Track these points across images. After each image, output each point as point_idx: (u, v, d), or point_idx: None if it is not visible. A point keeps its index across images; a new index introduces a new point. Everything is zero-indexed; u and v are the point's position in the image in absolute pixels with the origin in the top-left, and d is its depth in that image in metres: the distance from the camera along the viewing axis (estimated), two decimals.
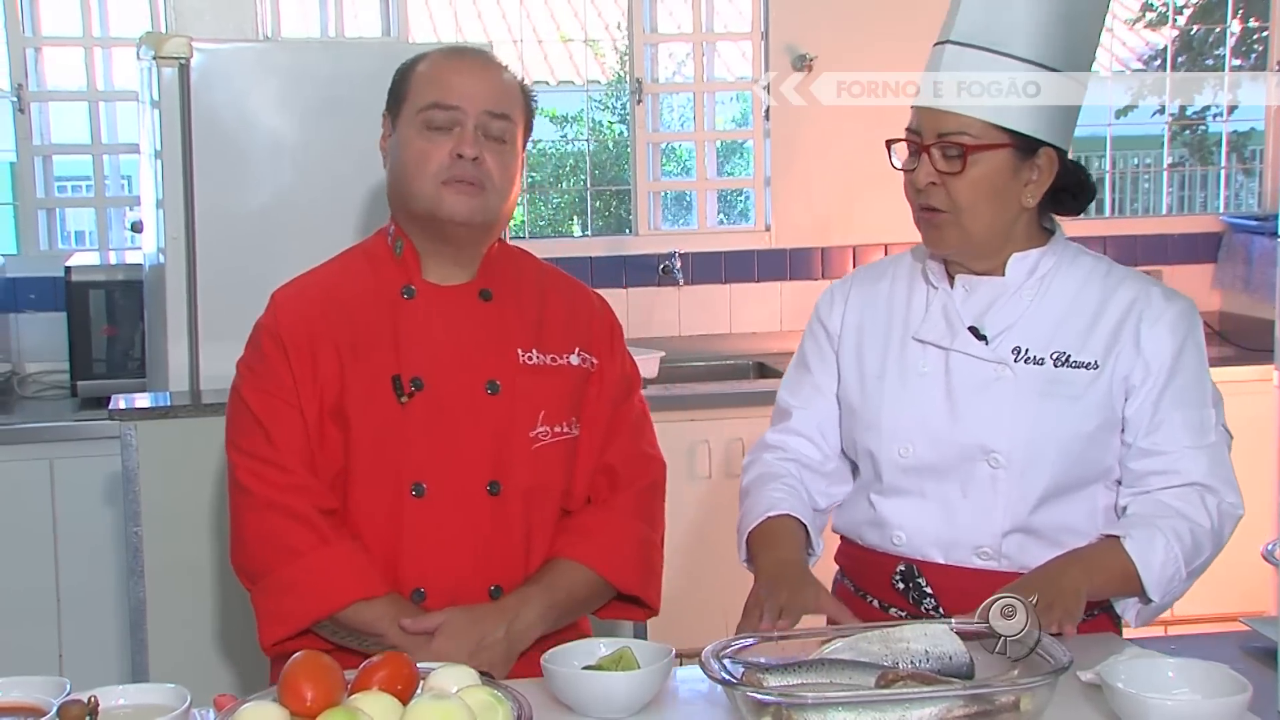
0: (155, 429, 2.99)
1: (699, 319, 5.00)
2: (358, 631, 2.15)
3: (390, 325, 2.23)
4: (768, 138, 5.04)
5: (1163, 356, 2.14)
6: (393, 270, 2.27)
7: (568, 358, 2.30)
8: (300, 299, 2.28)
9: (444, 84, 2.21)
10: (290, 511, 2.17)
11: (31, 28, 4.67)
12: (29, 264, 4.66)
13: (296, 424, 2.19)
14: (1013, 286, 2.17)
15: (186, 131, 3.20)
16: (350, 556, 2.17)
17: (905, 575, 2.18)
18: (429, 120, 2.19)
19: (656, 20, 5.07)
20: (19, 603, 3.96)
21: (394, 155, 2.26)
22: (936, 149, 2.11)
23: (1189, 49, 6.06)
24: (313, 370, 2.20)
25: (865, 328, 2.28)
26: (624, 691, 1.83)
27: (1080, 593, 2.02)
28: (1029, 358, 2.14)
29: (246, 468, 2.20)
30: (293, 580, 2.15)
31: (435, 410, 2.21)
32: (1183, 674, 1.79)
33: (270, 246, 3.21)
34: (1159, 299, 2.17)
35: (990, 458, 2.13)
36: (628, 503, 2.32)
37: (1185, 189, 6.37)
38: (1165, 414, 2.14)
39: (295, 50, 3.87)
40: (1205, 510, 2.12)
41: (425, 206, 2.20)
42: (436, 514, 2.20)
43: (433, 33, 5.32)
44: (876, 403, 2.22)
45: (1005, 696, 1.71)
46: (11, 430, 4.04)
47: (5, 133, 4.71)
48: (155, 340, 3.45)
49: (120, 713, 1.71)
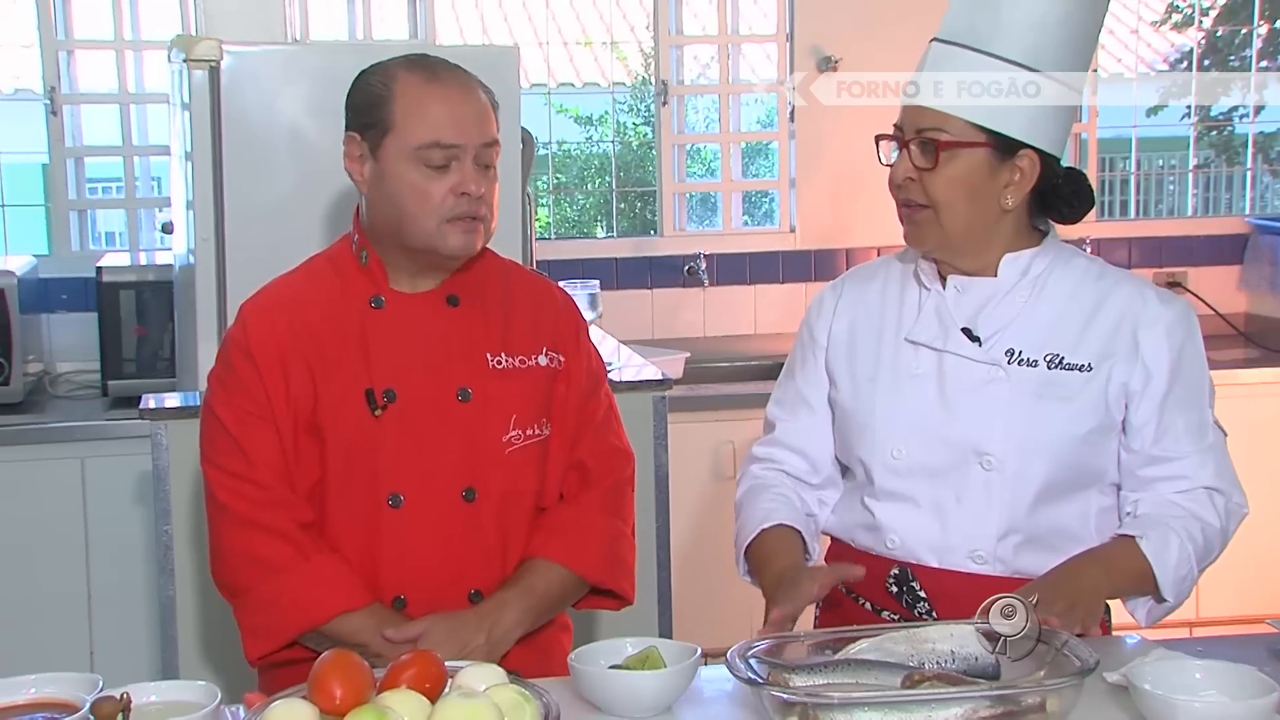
0: (186, 428, 2.99)
1: (724, 320, 5.01)
2: (341, 642, 2.12)
3: (359, 336, 2.23)
4: (792, 139, 5.04)
5: (1163, 362, 2.12)
6: (359, 279, 2.26)
7: (536, 358, 2.29)
8: (269, 312, 2.27)
9: (438, 120, 2.16)
10: (269, 528, 2.18)
11: (64, 31, 4.69)
12: (61, 265, 4.68)
13: (271, 439, 2.20)
14: (1005, 287, 2.15)
15: (216, 133, 3.20)
16: (331, 570, 2.18)
17: (899, 579, 2.16)
18: (428, 159, 2.16)
19: (681, 22, 5.07)
20: (51, 600, 3.98)
21: (382, 186, 2.20)
22: (915, 144, 2.10)
23: (1215, 50, 6.03)
24: (285, 385, 2.20)
25: (857, 329, 2.26)
26: (650, 691, 1.83)
27: (1100, 593, 2.03)
28: (1023, 359, 2.12)
29: (223, 484, 2.22)
30: (275, 596, 2.17)
31: (408, 421, 2.21)
32: (1210, 676, 1.78)
33: (299, 247, 3.20)
34: (1155, 302, 2.15)
35: (983, 460, 2.11)
36: (598, 499, 2.33)
37: (1211, 190, 6.34)
38: (1170, 420, 2.12)
39: (324, 53, 3.87)
40: (1215, 510, 2.11)
41: (426, 243, 2.19)
42: (414, 523, 2.21)
43: (459, 35, 5.33)
44: (869, 405, 2.20)
45: (1032, 698, 1.70)
46: (43, 429, 4.06)
47: (38, 135, 4.72)
48: (185, 340, 3.47)
49: (152, 709, 1.71)
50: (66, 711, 1.66)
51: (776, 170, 5.19)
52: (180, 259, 3.63)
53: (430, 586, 2.22)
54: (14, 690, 1.72)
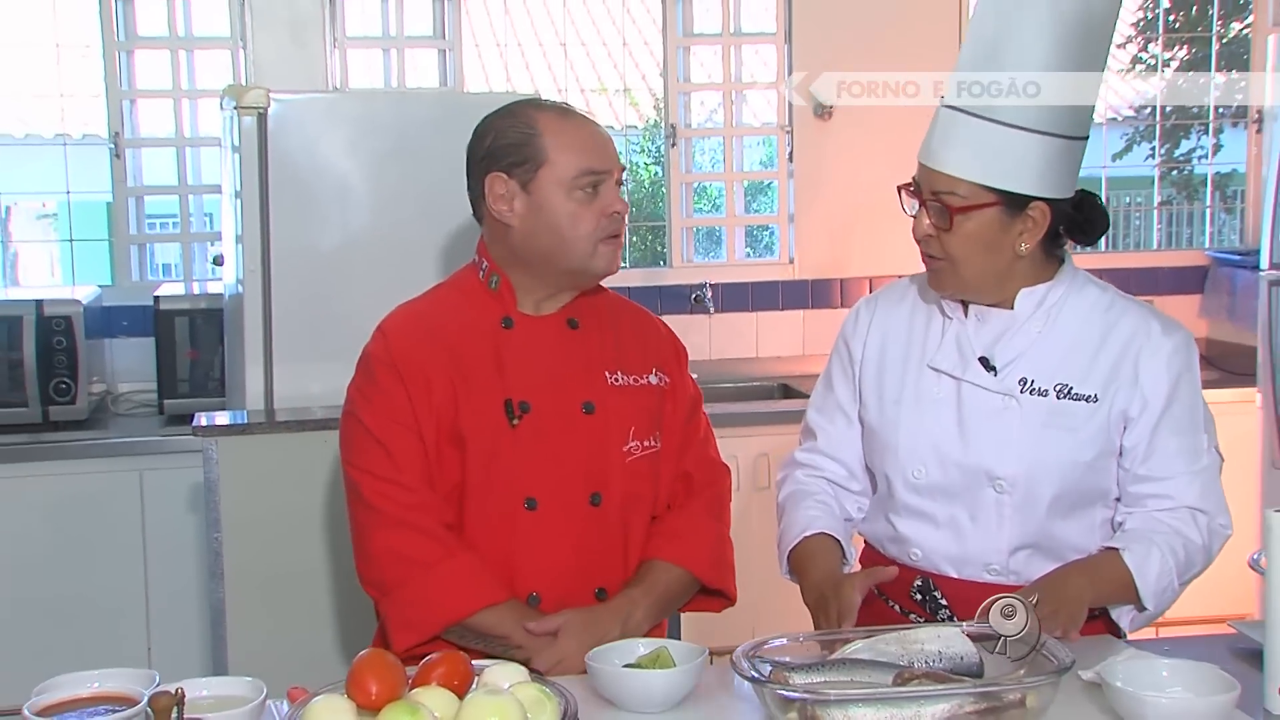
0: (234, 444, 3.00)
1: (728, 344, 5.00)
2: (484, 635, 2.14)
3: (493, 353, 2.22)
4: (791, 178, 5.04)
5: (1160, 389, 2.10)
6: (489, 303, 2.26)
7: (647, 378, 2.30)
8: (409, 329, 2.26)
9: (586, 149, 2.19)
10: (416, 527, 2.16)
11: (127, 82, 4.72)
12: (122, 294, 4.69)
13: (415, 445, 2.18)
14: (1021, 319, 2.13)
15: (264, 174, 3.22)
16: (474, 567, 2.16)
17: (923, 589, 2.17)
18: (582, 185, 2.18)
19: (689, 71, 5.08)
20: (112, 601, 3.99)
21: (539, 216, 2.19)
22: (932, 204, 2.08)
23: (1176, 97, 6.06)
24: (429, 395, 2.18)
25: (887, 352, 2.25)
26: (661, 688, 1.82)
27: (1083, 601, 2.01)
28: (1034, 389, 2.11)
29: (372, 488, 2.18)
30: (423, 591, 2.14)
31: (541, 430, 2.20)
32: (1176, 674, 1.77)
33: (339, 279, 3.23)
34: (1158, 333, 2.12)
35: (995, 483, 2.11)
36: (703, 505, 2.35)
37: (1174, 225, 6.34)
38: (1161, 442, 2.11)
39: (362, 100, 3.89)
40: (1197, 528, 2.10)
41: (579, 264, 2.20)
42: (547, 525, 2.20)
43: (485, 83, 5.33)
44: (894, 426, 2.19)
45: (1012, 694, 1.70)
46: (105, 444, 4.07)
47: (102, 175, 4.75)
48: (234, 363, 3.47)
49: (203, 703, 1.71)
50: (126, 704, 1.66)
51: (776, 206, 5.19)
52: (230, 289, 3.64)
53: (561, 584, 2.20)
54: (79, 684, 1.72)
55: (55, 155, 4.88)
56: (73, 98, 4.91)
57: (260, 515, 2.99)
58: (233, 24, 4.70)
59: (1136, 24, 6.72)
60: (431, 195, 3.08)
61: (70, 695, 1.70)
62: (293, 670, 2.40)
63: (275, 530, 2.99)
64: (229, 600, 2.97)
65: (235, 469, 2.98)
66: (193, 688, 1.70)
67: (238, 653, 2.96)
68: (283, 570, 2.99)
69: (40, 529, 3.96)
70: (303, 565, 3.03)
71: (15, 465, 3.96)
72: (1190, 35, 5.95)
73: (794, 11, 4.95)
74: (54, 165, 4.88)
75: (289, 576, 2.99)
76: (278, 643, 2.99)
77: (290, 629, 3.00)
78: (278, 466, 2.96)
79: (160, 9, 4.73)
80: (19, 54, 4.94)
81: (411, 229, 3.21)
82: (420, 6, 4.91)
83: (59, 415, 4.16)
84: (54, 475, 3.99)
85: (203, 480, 3.01)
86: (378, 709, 1.60)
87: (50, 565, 3.96)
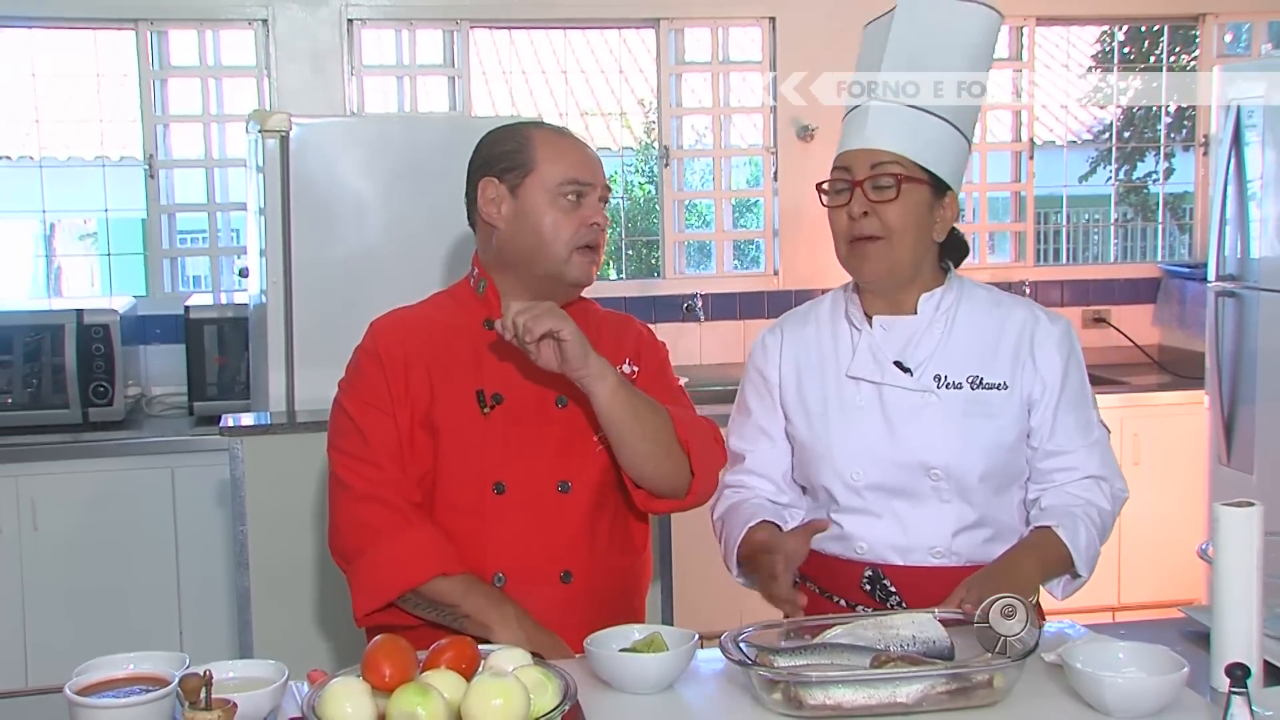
0: (259, 443, 2.99)
1: (717, 350, 5.00)
2: (435, 603, 2.11)
3: (473, 349, 2.21)
4: (776, 196, 5.05)
5: (1055, 371, 2.14)
6: (475, 305, 2.25)
7: (620, 369, 2.23)
8: (395, 326, 2.25)
9: (573, 161, 2.19)
10: (382, 500, 2.14)
11: (161, 107, 4.73)
12: (155, 304, 4.70)
13: (390, 429, 2.16)
14: (924, 322, 2.15)
15: (285, 192, 3.22)
16: (430, 537, 2.13)
17: (872, 579, 2.14)
18: (565, 194, 2.17)
19: (681, 96, 5.09)
20: (145, 589, 3.99)
21: (523, 220, 2.18)
22: (869, 182, 2.09)
23: (1132, 124, 6.08)
24: (406, 385, 2.17)
25: (802, 370, 2.23)
26: (655, 671, 1.81)
27: (1034, 580, 2.04)
28: (949, 383, 2.12)
29: (345, 465, 2.17)
30: (382, 558, 2.11)
31: (513, 421, 2.19)
32: (1131, 655, 1.76)
33: (355, 289, 3.22)
34: (1045, 322, 2.17)
35: (930, 473, 2.10)
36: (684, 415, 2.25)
37: (1129, 241, 6.36)
38: (1061, 419, 2.14)
39: (377, 124, 3.88)
40: (1103, 494, 2.14)
41: (555, 268, 2.18)
42: (514, 509, 2.17)
43: (491, 108, 5.33)
44: (824, 436, 2.17)
45: (981, 675, 1.70)
46: (139, 443, 4.07)
47: (138, 194, 4.75)
48: (258, 368, 3.47)
49: (230, 684, 1.70)
50: (158, 685, 1.65)
51: (762, 222, 5.20)
52: (254, 299, 3.63)
53: (527, 565, 2.17)
54: (115, 666, 1.72)
55: (95, 176, 4.89)
56: (111, 123, 4.93)
57: (282, 509, 2.98)
58: (258, 54, 4.71)
59: (1095, 55, 6.74)
60: (440, 211, 3.07)
61: (107, 676, 1.69)
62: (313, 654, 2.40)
63: (296, 523, 2.99)
64: (254, 588, 2.96)
65: (259, 466, 2.97)
66: (220, 669, 1.69)
67: (262, 637, 2.95)
68: (303, 560, 2.99)
69: (80, 522, 3.96)
70: (322, 555, 3.01)
71: (57, 463, 3.97)
72: (1144, 67, 5.97)
73: (778, 42, 4.96)
74: (94, 185, 4.89)
75: (309, 566, 2.98)
76: (299, 628, 2.98)
77: (310, 615, 2.99)
78: (298, 464, 2.95)
79: (191, 41, 4.75)
80: (63, 84, 4.96)
81: (422, 242, 3.21)
82: (431, 37, 4.92)
83: (97, 416, 4.16)
84: (92, 472, 3.99)
85: (229, 477, 3.01)
86: (391, 690, 1.59)
87: (89, 555, 3.96)
